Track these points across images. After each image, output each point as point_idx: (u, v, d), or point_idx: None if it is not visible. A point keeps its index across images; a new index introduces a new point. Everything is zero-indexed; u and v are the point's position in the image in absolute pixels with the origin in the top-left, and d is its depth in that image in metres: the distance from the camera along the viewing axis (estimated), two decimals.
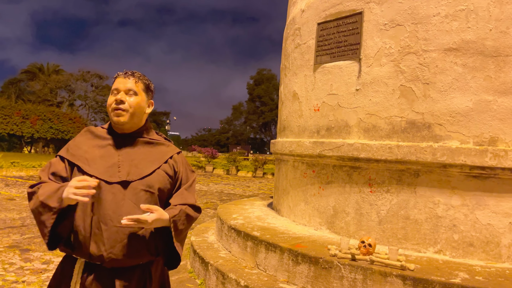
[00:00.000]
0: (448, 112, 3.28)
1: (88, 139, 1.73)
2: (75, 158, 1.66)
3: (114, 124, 1.71)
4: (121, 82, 1.69)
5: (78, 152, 1.68)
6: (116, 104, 1.66)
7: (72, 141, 1.76)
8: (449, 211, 3.24)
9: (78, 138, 1.76)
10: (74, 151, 1.68)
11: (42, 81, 47.84)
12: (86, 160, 1.65)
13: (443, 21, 3.33)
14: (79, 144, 1.71)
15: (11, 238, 5.49)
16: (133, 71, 1.74)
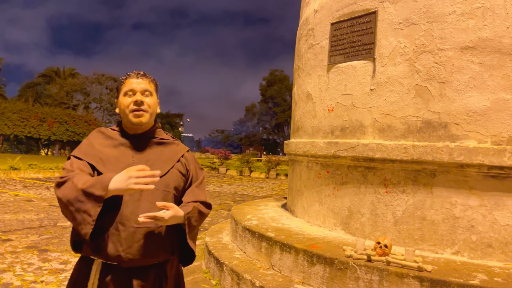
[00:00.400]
0: (465, 111, 3.24)
1: (100, 140, 1.73)
2: (88, 157, 1.65)
3: (131, 125, 1.70)
4: (136, 83, 1.69)
5: (91, 151, 1.67)
6: (136, 105, 1.67)
7: (85, 140, 1.75)
8: (467, 212, 3.19)
9: (89, 139, 1.75)
10: (87, 151, 1.68)
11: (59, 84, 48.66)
12: (101, 160, 1.64)
13: (459, 19, 3.29)
14: (92, 145, 1.70)
15: (29, 239, 5.60)
16: (144, 72, 1.75)
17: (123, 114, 1.71)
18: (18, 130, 33.57)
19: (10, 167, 14.86)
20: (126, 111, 1.68)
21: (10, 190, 10.88)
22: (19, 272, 4.19)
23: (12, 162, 15.41)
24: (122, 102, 1.69)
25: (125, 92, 1.69)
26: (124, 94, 1.70)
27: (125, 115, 1.70)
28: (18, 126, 33.63)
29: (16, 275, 4.09)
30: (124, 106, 1.69)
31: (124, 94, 1.70)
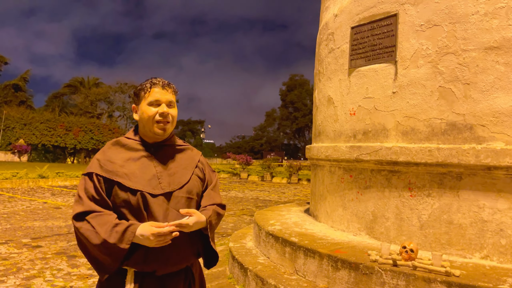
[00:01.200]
0: (491, 113, 3.17)
1: (119, 152, 1.67)
2: (113, 175, 1.60)
3: (153, 135, 1.69)
4: (161, 93, 1.67)
5: (114, 167, 1.61)
6: (161, 116, 1.66)
7: (102, 155, 1.66)
8: (495, 215, 3.12)
9: (107, 152, 1.67)
10: (109, 167, 1.61)
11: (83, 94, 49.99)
12: (126, 175, 1.60)
13: (482, 20, 3.24)
14: (112, 159, 1.64)
15: (58, 245, 5.75)
16: (168, 82, 1.74)
17: (146, 123, 1.67)
18: (46, 140, 34.58)
19: (38, 175, 15.32)
20: (150, 122, 1.66)
21: (39, 198, 11.21)
22: (49, 277, 4.31)
23: (41, 170, 15.89)
24: (146, 112, 1.66)
25: (150, 102, 1.66)
26: (149, 103, 1.66)
27: (148, 125, 1.67)
28: (45, 135, 34.65)
29: (46, 280, 4.21)
30: (149, 116, 1.66)
31: (149, 104, 1.66)
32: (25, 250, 5.41)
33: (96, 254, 1.54)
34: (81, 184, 1.60)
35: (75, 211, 1.55)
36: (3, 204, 9.58)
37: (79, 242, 1.57)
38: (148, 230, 1.51)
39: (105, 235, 1.49)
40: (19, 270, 4.50)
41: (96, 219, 1.52)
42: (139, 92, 1.70)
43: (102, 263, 1.55)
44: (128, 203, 1.59)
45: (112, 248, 1.49)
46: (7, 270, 4.50)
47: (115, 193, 1.59)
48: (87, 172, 1.62)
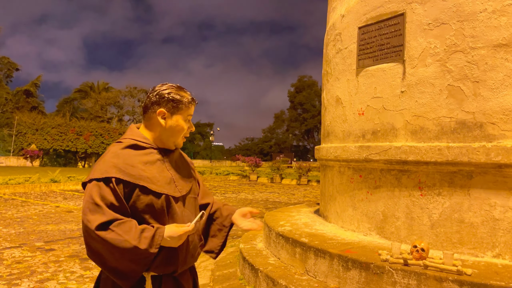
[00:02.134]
0: (501, 110, 3.15)
1: (135, 155, 1.62)
2: (136, 179, 1.55)
3: (172, 145, 1.72)
4: (193, 110, 1.74)
5: (135, 171, 1.56)
6: (189, 133, 1.75)
7: (117, 159, 1.57)
8: (507, 213, 3.09)
9: (123, 155, 1.60)
10: (130, 171, 1.55)
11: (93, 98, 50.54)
12: (149, 179, 1.58)
13: (490, 17, 3.22)
14: (131, 162, 1.58)
15: (71, 248, 5.83)
16: None
17: (176, 135, 1.70)
18: (57, 144, 35.00)
19: (50, 179, 15.52)
20: (180, 135, 1.71)
21: (51, 202, 11.35)
22: (62, 280, 4.37)
23: (52, 175, 16.09)
24: (182, 126, 1.68)
25: (186, 116, 1.70)
26: (184, 118, 1.69)
27: (175, 136, 1.70)
28: (57, 140, 35.07)
29: (59, 283, 4.27)
30: (182, 130, 1.70)
31: (184, 118, 1.69)
32: (38, 253, 5.48)
33: (121, 263, 1.49)
34: (95, 191, 1.49)
35: (96, 221, 1.44)
36: (16, 209, 9.73)
37: (96, 253, 1.49)
38: (176, 231, 1.52)
39: (135, 242, 1.45)
40: (33, 273, 4.57)
41: (120, 227, 1.46)
42: (178, 104, 1.66)
43: (126, 272, 1.50)
44: (151, 207, 1.57)
45: (143, 253, 1.47)
46: (21, 273, 4.57)
47: (136, 198, 1.55)
48: (104, 177, 1.51)
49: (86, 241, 1.50)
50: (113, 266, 1.49)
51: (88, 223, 1.45)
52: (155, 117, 1.67)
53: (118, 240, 1.43)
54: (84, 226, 1.47)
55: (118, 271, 1.49)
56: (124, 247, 1.44)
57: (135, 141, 1.65)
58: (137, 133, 1.70)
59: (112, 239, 1.43)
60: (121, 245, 1.43)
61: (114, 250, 1.44)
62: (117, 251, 1.44)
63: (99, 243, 1.45)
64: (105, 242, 1.43)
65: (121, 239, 1.43)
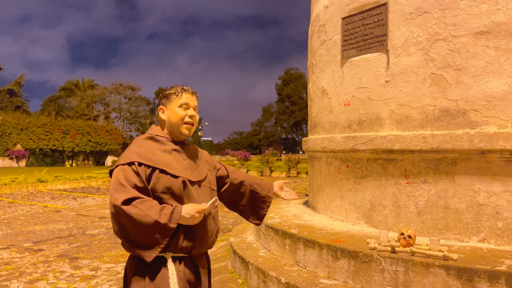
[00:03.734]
0: (483, 97, 3.20)
1: (153, 145, 1.84)
2: (154, 163, 1.75)
3: (179, 135, 1.89)
4: (190, 99, 1.90)
5: (154, 157, 1.77)
6: (190, 118, 1.89)
7: (138, 148, 1.80)
8: (491, 198, 3.15)
9: (144, 145, 1.82)
10: (150, 156, 1.76)
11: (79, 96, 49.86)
12: (166, 164, 1.78)
13: (471, 5, 3.25)
14: (151, 150, 1.80)
15: (60, 248, 5.77)
16: (194, 90, 1.96)
17: (176, 123, 1.87)
18: (43, 144, 34.49)
19: (37, 179, 15.31)
20: (180, 122, 1.87)
21: (38, 202, 11.22)
22: (52, 280, 4.34)
23: (39, 175, 15.87)
24: (177, 113, 1.87)
25: (180, 105, 1.87)
26: (179, 106, 1.87)
27: (177, 125, 1.87)
28: (43, 139, 34.55)
29: (49, 283, 4.23)
30: (180, 117, 1.87)
31: (179, 106, 1.87)
32: (27, 254, 5.42)
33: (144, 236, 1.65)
34: (120, 174, 1.70)
35: (122, 198, 1.62)
36: (3, 210, 9.59)
37: (122, 228, 1.66)
38: (192, 208, 1.69)
39: (156, 217, 1.62)
40: (22, 274, 4.52)
41: (143, 204, 1.63)
42: (170, 96, 1.89)
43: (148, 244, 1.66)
44: (170, 189, 1.75)
45: (163, 227, 1.63)
46: (10, 274, 4.52)
47: (156, 180, 1.73)
48: (128, 162, 1.72)
49: (113, 218, 1.67)
50: (136, 239, 1.66)
51: (115, 200, 1.63)
52: (159, 115, 1.93)
53: (141, 215, 1.61)
54: (111, 205, 1.65)
55: (141, 244, 1.66)
56: (146, 222, 1.61)
57: (153, 135, 1.88)
58: (156, 129, 1.93)
59: (136, 213, 1.61)
60: (144, 220, 1.61)
61: (137, 224, 1.61)
62: (140, 225, 1.62)
63: (124, 217, 1.62)
64: (129, 216, 1.61)
65: (144, 214, 1.61)
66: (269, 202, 2.23)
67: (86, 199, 11.64)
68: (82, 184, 16.35)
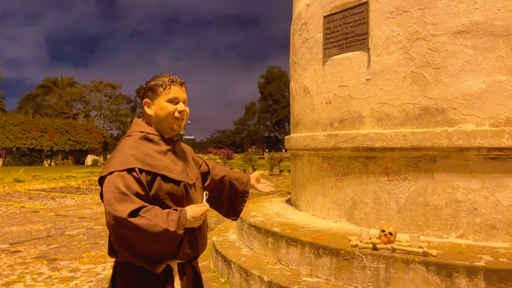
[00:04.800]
0: (462, 96, 3.25)
1: (150, 146, 1.68)
2: (156, 168, 1.62)
3: (170, 131, 1.76)
4: (179, 92, 1.75)
5: (153, 161, 1.63)
6: (180, 114, 1.74)
7: (135, 150, 1.63)
8: (469, 195, 3.21)
9: (140, 146, 1.66)
10: (149, 161, 1.62)
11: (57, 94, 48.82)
12: (166, 168, 1.65)
13: (450, 4, 3.30)
14: (148, 153, 1.64)
15: (38, 249, 5.64)
16: (182, 80, 1.80)
17: (165, 119, 1.73)
18: (20, 143, 33.66)
19: (14, 179, 14.93)
20: (169, 118, 1.72)
21: (16, 202, 10.94)
22: (29, 282, 4.23)
23: (16, 174, 15.49)
24: (165, 108, 1.71)
25: (169, 99, 1.72)
26: (168, 100, 1.72)
27: (166, 121, 1.73)
28: (20, 138, 33.72)
29: (26, 285, 4.13)
30: (169, 112, 1.72)
31: (168, 100, 1.72)
32: (3, 255, 5.28)
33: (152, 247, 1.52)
34: (119, 182, 1.52)
35: (127, 209, 1.47)
36: None
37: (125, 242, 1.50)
38: (197, 211, 1.63)
39: (165, 225, 1.50)
40: None
41: (148, 213, 1.50)
42: (156, 88, 1.73)
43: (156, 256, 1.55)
44: (172, 194, 1.64)
45: (172, 235, 1.53)
46: None
47: (158, 187, 1.61)
48: (126, 168, 1.55)
49: (115, 231, 1.50)
50: (144, 252, 1.52)
51: (118, 212, 1.46)
52: (144, 109, 1.76)
53: (149, 225, 1.48)
54: (111, 217, 1.48)
55: (148, 257, 1.53)
56: (155, 231, 1.48)
57: (145, 133, 1.71)
58: (144, 125, 1.76)
59: (144, 224, 1.47)
60: (153, 230, 1.48)
61: (146, 235, 1.48)
62: (149, 236, 1.49)
63: (130, 230, 1.47)
64: (137, 228, 1.47)
65: (152, 224, 1.48)
66: (246, 197, 2.17)
67: (65, 199, 11.42)
68: (61, 184, 16.03)
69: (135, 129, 1.74)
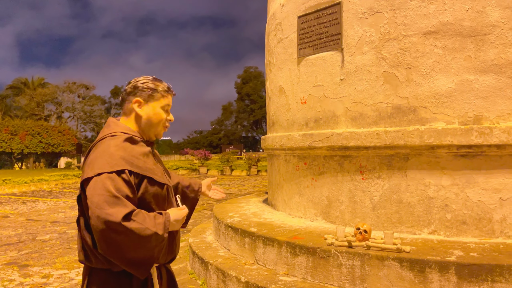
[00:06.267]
0: (432, 95, 3.33)
1: (135, 148, 1.65)
2: (143, 171, 1.60)
3: (153, 136, 1.77)
4: (171, 100, 1.78)
5: (140, 163, 1.61)
6: (169, 122, 1.79)
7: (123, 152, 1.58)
8: (440, 192, 3.29)
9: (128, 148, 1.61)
10: (137, 163, 1.60)
11: (28, 95, 47.38)
12: (152, 171, 1.64)
13: (420, 5, 3.37)
14: (134, 154, 1.61)
15: (8, 255, 5.46)
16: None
17: (155, 125, 1.73)
18: None
19: None
20: (160, 125, 1.75)
21: None
22: None
23: None
24: (160, 115, 1.73)
25: (163, 106, 1.74)
26: (162, 107, 1.73)
27: (155, 127, 1.74)
28: None
29: None
30: (161, 120, 1.74)
31: (162, 107, 1.73)
32: None
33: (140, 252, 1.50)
34: (109, 184, 1.47)
35: (121, 213, 1.43)
36: None
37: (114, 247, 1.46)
38: (179, 214, 1.64)
39: (154, 228, 1.50)
40: None
41: (138, 217, 1.48)
42: (154, 93, 1.71)
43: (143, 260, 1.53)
44: (156, 197, 1.64)
45: (159, 239, 1.53)
46: None
47: (144, 189, 1.60)
48: (117, 170, 1.50)
49: (103, 235, 1.44)
50: (132, 256, 1.50)
51: (110, 216, 1.41)
52: (133, 108, 1.70)
53: (141, 229, 1.46)
54: (102, 221, 1.41)
55: (135, 261, 1.52)
56: (146, 235, 1.47)
57: (130, 135, 1.66)
58: (124, 126, 1.70)
59: (136, 228, 1.45)
60: (144, 233, 1.47)
61: (137, 239, 1.46)
62: (140, 240, 1.47)
63: (121, 234, 1.43)
64: (129, 232, 1.44)
65: (143, 227, 1.47)
66: (195, 205, 2.15)
67: (37, 203, 11.09)
68: (33, 188, 15.57)
69: (116, 130, 1.67)
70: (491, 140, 3.11)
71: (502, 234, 3.16)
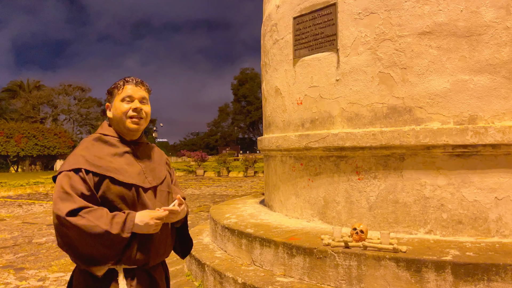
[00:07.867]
0: (427, 95, 3.34)
1: (103, 148, 1.68)
2: (103, 170, 1.60)
3: (127, 131, 1.73)
4: (134, 90, 1.72)
5: (102, 163, 1.62)
6: (135, 112, 1.71)
7: (86, 151, 1.64)
8: (436, 191, 3.30)
9: (92, 148, 1.66)
10: (98, 162, 1.61)
11: (24, 98, 47.13)
12: (116, 170, 1.63)
13: (414, 6, 3.39)
14: (99, 154, 1.64)
15: (4, 258, 5.43)
16: (141, 80, 1.78)
17: (120, 119, 1.71)
18: None
19: None
20: (124, 117, 1.70)
21: None
22: None
23: None
24: (119, 108, 1.70)
25: (122, 98, 1.71)
26: (121, 99, 1.71)
27: (121, 121, 1.71)
28: None
29: None
30: (122, 112, 1.70)
31: (121, 100, 1.71)
32: None
33: (93, 249, 1.52)
34: (65, 181, 1.55)
35: (67, 208, 1.49)
36: None
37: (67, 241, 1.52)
38: (147, 215, 1.58)
39: (107, 227, 1.50)
40: None
41: (91, 214, 1.50)
42: (113, 90, 1.74)
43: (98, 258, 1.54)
44: (122, 197, 1.62)
45: (114, 238, 1.51)
46: None
47: (106, 188, 1.60)
48: (73, 168, 1.57)
49: (58, 230, 1.53)
50: (85, 252, 1.52)
51: (58, 211, 1.49)
52: (107, 112, 1.78)
53: (89, 226, 1.48)
54: (54, 215, 1.51)
55: (90, 258, 1.53)
56: (95, 232, 1.49)
57: (102, 135, 1.72)
58: (106, 128, 1.76)
59: (83, 225, 1.48)
60: (93, 231, 1.48)
61: (86, 235, 1.49)
62: (89, 237, 1.49)
63: (70, 229, 1.49)
64: (76, 228, 1.48)
65: (92, 225, 1.48)
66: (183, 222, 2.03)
67: (33, 206, 11.04)
68: (29, 190, 15.49)
69: (98, 131, 1.76)
70: (486, 139, 3.12)
71: (498, 234, 3.17)
